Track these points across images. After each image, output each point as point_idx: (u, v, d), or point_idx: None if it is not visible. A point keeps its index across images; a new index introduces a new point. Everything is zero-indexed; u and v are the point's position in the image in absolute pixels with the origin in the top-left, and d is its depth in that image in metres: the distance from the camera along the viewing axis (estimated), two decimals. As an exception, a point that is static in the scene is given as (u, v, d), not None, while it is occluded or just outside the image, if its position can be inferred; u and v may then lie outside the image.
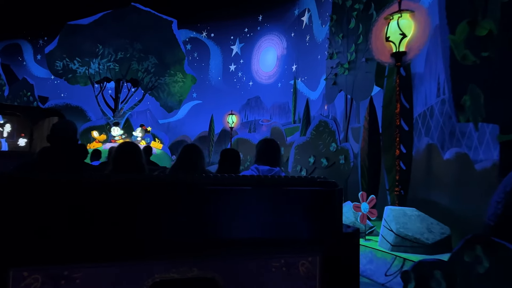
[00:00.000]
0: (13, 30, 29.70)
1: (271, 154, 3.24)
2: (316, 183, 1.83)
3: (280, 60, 22.45)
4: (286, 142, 17.95)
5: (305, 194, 1.78)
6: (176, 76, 23.62)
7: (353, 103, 12.08)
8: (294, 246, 1.75)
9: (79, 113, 25.10)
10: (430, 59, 7.82)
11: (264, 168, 3.12)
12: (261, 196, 1.74)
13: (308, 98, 16.43)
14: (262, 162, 3.18)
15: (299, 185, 1.82)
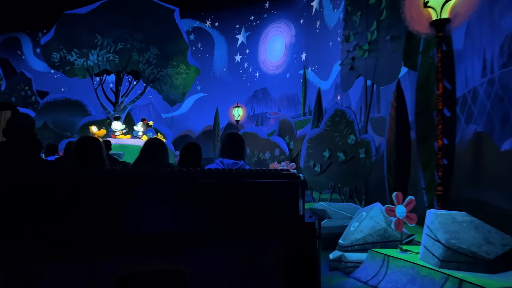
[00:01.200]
0: (12, 23, 28.72)
1: (235, 148, 3.25)
2: (279, 175, 1.86)
3: (289, 49, 21.20)
4: (296, 136, 16.76)
5: (269, 186, 1.83)
6: (179, 68, 22.47)
7: (373, 89, 10.79)
8: (258, 236, 1.78)
9: (79, 107, 24.08)
10: (472, 32, 6.57)
11: (229, 162, 3.13)
12: (225, 189, 1.76)
13: (320, 88, 15.19)
14: (226, 156, 3.19)
15: (263, 177, 1.86)
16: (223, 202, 1.77)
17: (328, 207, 8.72)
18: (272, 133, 18.94)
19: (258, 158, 18.48)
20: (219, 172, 1.89)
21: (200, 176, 1.81)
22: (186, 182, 1.75)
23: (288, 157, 16.98)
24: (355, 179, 9.49)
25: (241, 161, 3.27)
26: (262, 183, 1.84)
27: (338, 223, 7.19)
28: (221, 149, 3.38)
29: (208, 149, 23.73)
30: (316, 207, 9.07)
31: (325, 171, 10.42)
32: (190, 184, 1.74)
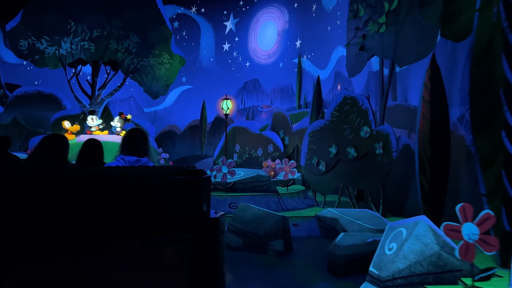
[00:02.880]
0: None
1: (137, 144, 3.13)
2: (183, 172, 1.82)
3: (282, 36, 19.48)
4: (292, 130, 15.10)
5: (172, 183, 1.77)
6: (161, 57, 20.61)
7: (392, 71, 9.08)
8: (161, 235, 1.72)
9: (53, 101, 21.98)
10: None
11: (131, 159, 3.03)
12: (126, 187, 1.67)
13: (319, 76, 13.51)
14: (128, 153, 3.09)
15: (166, 174, 1.82)
16: (123, 201, 1.65)
17: (340, 215, 7.09)
18: (265, 128, 17.25)
19: (250, 156, 16.78)
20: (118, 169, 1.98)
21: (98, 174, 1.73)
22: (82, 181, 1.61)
23: (283, 154, 15.31)
24: (370, 179, 7.86)
25: (145, 158, 3.13)
26: (164, 180, 1.77)
27: (360, 239, 5.53)
28: (122, 146, 3.20)
29: (194, 145, 21.93)
30: (323, 215, 7.43)
31: (331, 170, 8.77)
32: (86, 183, 1.62)
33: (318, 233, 7.53)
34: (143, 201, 1.71)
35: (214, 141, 20.76)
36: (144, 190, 1.72)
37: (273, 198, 8.47)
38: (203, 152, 21.61)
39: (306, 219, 7.66)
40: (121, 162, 3.05)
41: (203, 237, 1.80)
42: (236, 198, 8.16)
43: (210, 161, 20.17)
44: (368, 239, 5.51)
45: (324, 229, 7.42)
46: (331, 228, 7.20)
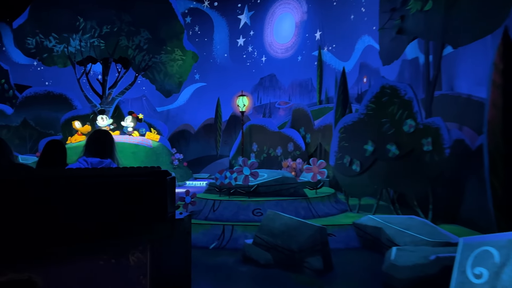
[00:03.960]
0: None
1: (100, 146, 3.09)
2: (146, 173, 1.76)
3: (300, 27, 18.41)
4: (313, 127, 14.04)
5: (136, 184, 1.70)
6: (174, 54, 19.72)
7: (441, 54, 7.95)
8: (124, 237, 1.67)
9: (63, 101, 21.36)
10: None
11: (93, 161, 3.00)
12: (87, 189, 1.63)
13: (344, 67, 12.43)
14: (91, 154, 3.05)
15: (129, 175, 1.76)
16: (84, 204, 1.61)
17: (385, 223, 6.04)
18: (284, 125, 16.23)
19: (268, 155, 15.76)
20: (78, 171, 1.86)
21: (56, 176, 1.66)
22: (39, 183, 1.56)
23: (305, 153, 14.27)
24: (416, 181, 6.79)
25: (108, 160, 3.03)
26: (127, 181, 1.71)
27: (420, 256, 4.46)
28: (85, 148, 3.12)
29: (209, 145, 21.00)
30: (363, 223, 6.38)
31: (367, 170, 7.71)
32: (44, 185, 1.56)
33: (357, 244, 6.49)
34: (104, 203, 1.66)
35: (230, 141, 19.82)
36: (105, 191, 1.68)
37: (302, 203, 7.45)
38: (218, 152, 20.69)
39: (342, 228, 6.63)
40: (83, 163, 3.00)
41: (168, 239, 1.80)
42: (260, 204, 7.16)
43: (226, 161, 19.25)
44: (430, 256, 4.45)
45: (364, 239, 6.37)
46: (374, 238, 6.16)
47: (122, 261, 1.66)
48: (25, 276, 1.51)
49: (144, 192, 1.73)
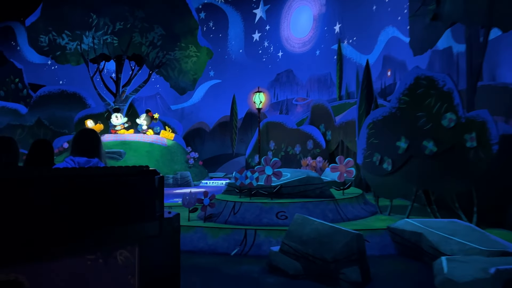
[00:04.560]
0: (5, 11, 25.93)
1: (87, 145, 3.07)
2: (135, 172, 1.78)
3: (318, 20, 17.75)
4: (334, 123, 13.42)
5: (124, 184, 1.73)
6: (188, 50, 19.30)
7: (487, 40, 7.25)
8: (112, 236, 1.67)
9: (77, 100, 21.13)
10: None
11: (80, 160, 2.99)
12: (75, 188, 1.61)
13: (368, 60, 11.75)
14: (78, 154, 3.03)
15: (117, 175, 1.77)
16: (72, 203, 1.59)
17: (425, 228, 5.44)
18: (302, 122, 15.63)
19: (286, 153, 15.18)
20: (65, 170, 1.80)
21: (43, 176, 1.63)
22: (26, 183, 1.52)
23: (326, 151, 13.66)
24: (457, 180, 6.14)
25: (95, 159, 3.03)
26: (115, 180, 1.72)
27: (477, 268, 3.85)
28: (72, 147, 3.09)
29: (225, 143, 20.51)
30: (399, 227, 5.79)
31: (400, 169, 7.08)
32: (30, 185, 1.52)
33: (392, 251, 5.88)
34: (92, 203, 1.63)
35: (246, 138, 19.30)
36: (94, 191, 1.65)
37: (329, 205, 6.86)
38: (234, 151, 20.20)
39: (375, 233, 6.03)
40: (70, 163, 2.98)
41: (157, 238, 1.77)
42: (285, 207, 6.60)
43: (242, 160, 18.75)
44: (490, 269, 3.83)
45: (401, 246, 5.76)
46: (413, 245, 5.55)
47: (110, 260, 1.66)
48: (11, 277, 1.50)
49: (132, 191, 1.73)
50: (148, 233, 1.74)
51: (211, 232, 6.24)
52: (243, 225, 6.39)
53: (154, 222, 1.76)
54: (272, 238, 5.97)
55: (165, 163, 16.55)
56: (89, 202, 1.62)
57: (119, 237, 1.68)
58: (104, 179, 1.70)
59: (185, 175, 15.71)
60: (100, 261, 1.63)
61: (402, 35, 11.58)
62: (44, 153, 3.30)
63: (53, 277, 1.54)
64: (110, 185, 1.69)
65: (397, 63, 12.26)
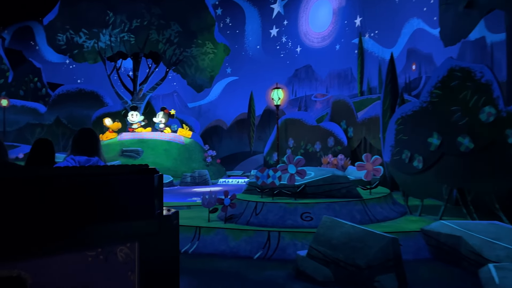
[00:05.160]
0: (24, 11, 26.16)
1: (87, 144, 3.16)
2: (134, 171, 1.81)
3: (338, 14, 17.29)
4: (356, 120, 12.98)
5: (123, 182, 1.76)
6: (205, 47, 19.07)
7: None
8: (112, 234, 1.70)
9: (94, 98, 21.17)
10: None
11: (81, 159, 3.07)
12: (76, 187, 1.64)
13: (392, 54, 11.25)
14: (78, 153, 3.10)
15: (117, 173, 1.82)
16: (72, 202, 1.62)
17: (464, 231, 5.03)
18: (322, 119, 15.22)
19: (306, 151, 14.79)
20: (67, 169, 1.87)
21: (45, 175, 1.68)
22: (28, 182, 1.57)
23: (347, 148, 13.23)
24: (499, 179, 5.69)
25: (95, 158, 3.11)
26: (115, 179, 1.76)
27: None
28: (72, 146, 3.16)
29: (242, 141, 20.22)
30: (435, 229, 5.40)
31: (432, 167, 6.65)
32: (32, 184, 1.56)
33: (427, 255, 5.49)
34: (93, 201, 1.66)
35: (264, 136, 18.97)
36: (94, 189, 1.68)
37: (357, 205, 6.48)
38: (252, 148, 19.90)
39: (408, 235, 5.64)
40: (71, 162, 3.06)
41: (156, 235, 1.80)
42: (310, 207, 6.26)
43: (260, 158, 18.45)
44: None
45: (437, 249, 5.36)
46: (450, 249, 5.14)
47: (111, 257, 1.69)
48: (14, 273, 1.54)
49: (132, 189, 1.76)
50: (148, 230, 1.78)
51: (233, 234, 5.94)
52: (266, 226, 6.07)
53: (154, 219, 1.79)
54: (297, 241, 5.64)
55: (182, 161, 16.37)
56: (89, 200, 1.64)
57: (119, 234, 1.71)
58: (104, 178, 1.74)
59: (203, 174, 15.49)
60: (100, 257, 1.66)
61: (429, 26, 11.07)
62: (45, 152, 3.37)
63: (55, 273, 1.58)
64: (109, 183, 1.72)
65: (423, 56, 11.75)
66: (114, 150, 16.23)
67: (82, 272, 1.62)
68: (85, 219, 1.63)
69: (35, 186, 1.57)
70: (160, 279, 1.83)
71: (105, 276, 1.67)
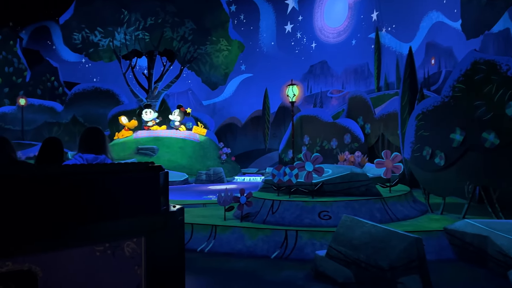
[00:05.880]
0: (40, 11, 26.50)
1: (94, 142, 3.20)
2: (141, 168, 1.89)
3: (353, 8, 17.00)
4: (374, 116, 12.74)
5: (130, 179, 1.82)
6: (219, 44, 18.99)
7: None
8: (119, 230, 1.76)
9: (110, 97, 21.31)
10: None
11: (88, 157, 3.12)
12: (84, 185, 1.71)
13: (411, 48, 10.96)
14: (85, 151, 3.17)
15: (124, 171, 1.86)
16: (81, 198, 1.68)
17: (491, 231, 4.82)
18: (339, 115, 15.00)
19: (322, 148, 14.60)
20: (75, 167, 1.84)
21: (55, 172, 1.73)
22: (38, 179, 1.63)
23: (364, 145, 13.00)
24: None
25: (102, 156, 3.16)
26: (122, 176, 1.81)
27: None
28: (79, 144, 3.22)
29: (257, 139, 20.11)
30: (458, 229, 5.20)
31: (455, 164, 6.42)
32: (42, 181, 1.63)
33: (451, 255, 5.29)
34: (102, 198, 1.73)
35: (279, 133, 18.82)
36: (102, 186, 1.74)
37: (377, 204, 6.30)
38: (267, 146, 19.78)
39: (431, 235, 5.44)
40: (79, 160, 3.09)
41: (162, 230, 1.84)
42: (328, 206, 6.10)
43: (275, 155, 18.32)
44: None
45: (461, 249, 5.16)
46: (476, 249, 4.94)
47: (118, 252, 1.72)
48: (25, 267, 1.57)
49: (138, 186, 1.81)
50: (154, 226, 1.82)
51: (249, 233, 5.83)
52: (283, 225, 5.95)
53: (160, 215, 1.84)
54: (315, 240, 5.49)
55: (197, 159, 16.34)
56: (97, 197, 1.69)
57: (126, 229, 1.76)
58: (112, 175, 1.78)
59: (218, 171, 15.43)
60: (108, 252, 1.70)
61: (449, 19, 10.74)
62: (54, 150, 3.40)
63: (64, 268, 1.62)
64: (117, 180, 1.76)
65: (442, 50, 11.44)
66: (130, 148, 16.30)
67: (90, 267, 1.68)
68: (93, 214, 1.69)
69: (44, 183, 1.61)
70: (166, 273, 1.88)
71: (112, 270, 1.73)
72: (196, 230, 6.16)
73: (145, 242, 1.80)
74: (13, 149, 3.23)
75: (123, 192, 1.78)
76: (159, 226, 1.84)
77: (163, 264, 1.87)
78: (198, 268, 5.02)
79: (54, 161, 3.39)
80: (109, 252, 1.72)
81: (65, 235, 1.64)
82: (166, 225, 1.87)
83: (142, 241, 1.79)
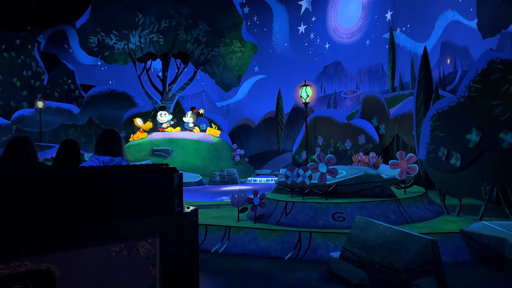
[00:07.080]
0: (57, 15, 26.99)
1: (110, 144, 3.24)
2: (156, 170, 1.92)
3: (367, 8, 16.88)
4: (389, 116, 12.62)
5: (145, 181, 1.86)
6: (232, 46, 19.07)
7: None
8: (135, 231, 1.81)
9: (125, 99, 21.54)
10: None
11: (104, 159, 3.17)
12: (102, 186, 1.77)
13: (426, 47, 10.83)
14: (102, 153, 3.21)
15: (139, 172, 1.91)
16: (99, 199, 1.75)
17: (509, 233, 4.74)
18: (353, 116, 14.91)
19: (336, 149, 14.53)
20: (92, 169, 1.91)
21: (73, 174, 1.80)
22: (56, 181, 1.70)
23: (379, 146, 12.90)
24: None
25: (118, 158, 3.21)
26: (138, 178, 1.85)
27: None
28: (95, 146, 3.29)
29: (271, 140, 20.12)
30: (475, 231, 5.14)
31: (471, 164, 6.33)
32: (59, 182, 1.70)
33: (468, 257, 5.21)
34: (118, 199, 1.77)
35: (293, 134, 18.80)
36: (118, 188, 1.78)
37: (391, 205, 6.25)
38: (280, 147, 19.77)
39: (447, 237, 5.37)
40: (96, 162, 3.13)
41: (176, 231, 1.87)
42: (342, 207, 6.08)
43: (288, 156, 18.29)
44: None
45: (478, 252, 5.08)
46: (493, 252, 4.86)
47: (133, 252, 1.76)
48: (44, 266, 1.60)
49: (153, 187, 1.85)
50: (168, 226, 1.86)
51: (263, 234, 5.85)
52: (297, 226, 5.94)
53: (174, 216, 1.87)
54: (329, 242, 5.48)
55: (211, 160, 16.43)
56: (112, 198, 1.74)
57: (141, 230, 1.79)
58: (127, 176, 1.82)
59: (231, 172, 15.49)
60: (124, 253, 1.74)
61: (464, 18, 10.60)
62: (71, 152, 3.47)
63: (81, 267, 1.67)
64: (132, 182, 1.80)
65: (458, 50, 11.29)
66: (145, 150, 16.49)
67: (106, 267, 1.72)
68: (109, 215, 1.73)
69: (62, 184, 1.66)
70: (180, 274, 1.90)
71: (128, 271, 1.77)
72: (210, 231, 6.19)
73: (159, 243, 1.82)
74: (34, 151, 3.28)
75: (139, 193, 1.80)
76: (173, 227, 1.87)
77: (177, 264, 1.89)
78: (212, 269, 5.06)
79: (71, 162, 3.44)
80: (125, 253, 1.76)
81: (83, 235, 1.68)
82: (180, 226, 1.89)
83: (157, 242, 1.82)
